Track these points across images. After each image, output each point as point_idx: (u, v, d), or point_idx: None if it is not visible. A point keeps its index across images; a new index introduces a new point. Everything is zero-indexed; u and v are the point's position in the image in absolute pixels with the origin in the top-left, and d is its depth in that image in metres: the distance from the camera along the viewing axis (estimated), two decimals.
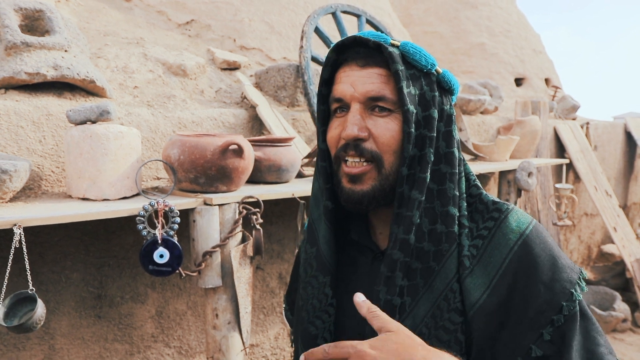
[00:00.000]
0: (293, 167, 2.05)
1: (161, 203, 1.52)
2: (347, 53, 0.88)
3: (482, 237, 0.85)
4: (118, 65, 2.45)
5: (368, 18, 3.20)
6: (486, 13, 6.32)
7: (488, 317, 0.81)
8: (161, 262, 1.54)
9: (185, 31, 3.40)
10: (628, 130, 6.11)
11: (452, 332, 0.82)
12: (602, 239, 5.80)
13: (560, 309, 0.80)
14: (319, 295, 0.93)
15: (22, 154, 1.76)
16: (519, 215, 0.87)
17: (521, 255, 0.83)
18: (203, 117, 2.31)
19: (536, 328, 0.80)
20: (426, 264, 0.84)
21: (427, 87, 0.86)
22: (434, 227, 0.85)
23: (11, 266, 1.39)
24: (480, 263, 0.83)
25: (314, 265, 0.94)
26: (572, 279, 0.82)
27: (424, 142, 0.85)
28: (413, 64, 0.85)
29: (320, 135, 0.94)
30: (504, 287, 0.81)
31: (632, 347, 4.15)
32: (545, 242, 0.85)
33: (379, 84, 0.84)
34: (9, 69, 1.85)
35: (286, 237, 2.56)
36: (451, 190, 0.85)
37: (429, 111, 0.85)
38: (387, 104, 0.84)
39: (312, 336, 0.92)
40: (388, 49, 0.83)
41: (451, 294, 0.82)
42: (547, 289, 0.81)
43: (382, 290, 0.84)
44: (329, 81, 0.92)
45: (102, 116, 1.65)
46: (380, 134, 0.84)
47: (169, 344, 2.19)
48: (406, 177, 0.84)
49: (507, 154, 3.39)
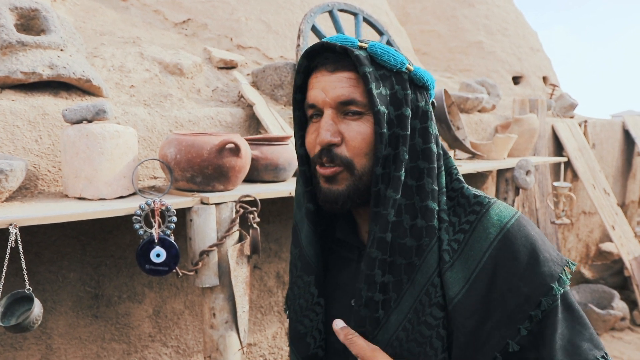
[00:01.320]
0: (290, 165, 2.04)
1: (158, 202, 1.52)
2: (317, 59, 0.89)
3: (464, 231, 0.85)
4: (114, 65, 2.44)
5: (365, 16, 3.20)
6: (483, 11, 6.32)
7: (467, 312, 0.81)
8: (158, 262, 1.53)
9: (182, 30, 3.40)
10: (626, 128, 6.12)
11: (434, 327, 0.82)
12: (601, 237, 5.81)
13: (538, 304, 0.80)
14: (305, 295, 0.95)
15: (18, 153, 1.75)
16: (502, 208, 0.87)
17: (500, 248, 0.82)
18: (200, 116, 2.31)
19: (514, 323, 0.80)
20: (409, 260, 0.85)
21: (399, 86, 0.86)
22: (414, 222, 0.85)
23: (7, 266, 1.39)
24: (461, 257, 0.83)
25: (299, 265, 0.97)
26: (554, 272, 0.81)
27: (397, 141, 0.85)
28: (382, 65, 0.86)
29: (297, 140, 0.95)
30: (483, 281, 0.81)
31: (631, 345, 4.16)
32: (527, 236, 0.84)
33: (348, 87, 0.85)
34: (4, 69, 1.85)
35: (283, 236, 2.56)
36: (429, 185, 0.86)
37: (401, 110, 0.86)
38: (359, 107, 0.85)
39: (301, 335, 0.95)
40: (355, 52, 0.84)
41: (432, 289, 0.83)
42: (525, 284, 0.80)
43: (363, 288, 0.85)
44: (303, 87, 0.93)
45: (99, 115, 1.64)
46: (352, 138, 0.85)
47: (166, 343, 2.18)
48: (381, 176, 0.85)
49: (504, 152, 3.39)
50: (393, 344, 0.85)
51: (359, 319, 0.86)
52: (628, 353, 3.99)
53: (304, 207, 0.96)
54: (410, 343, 0.84)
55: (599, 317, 4.21)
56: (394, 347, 0.84)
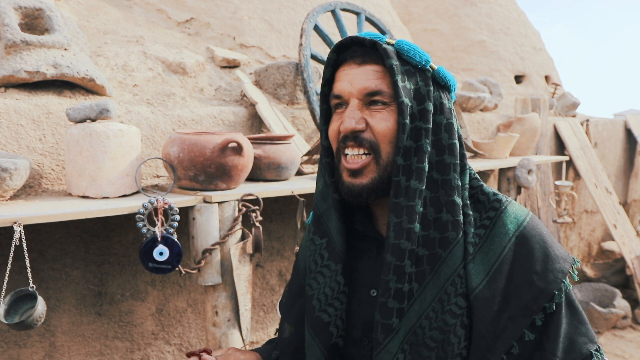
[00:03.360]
0: (292, 164, 2.05)
1: (161, 201, 1.53)
2: (346, 53, 0.93)
3: (485, 226, 0.91)
4: (118, 64, 2.45)
5: (367, 15, 3.20)
6: (486, 10, 6.31)
7: (487, 302, 0.86)
8: (161, 260, 1.54)
9: (185, 29, 3.40)
10: (628, 127, 6.11)
11: (458, 315, 0.86)
12: (603, 236, 5.80)
13: (552, 297, 0.86)
14: (331, 284, 0.96)
15: (23, 152, 1.76)
16: (517, 207, 0.93)
17: (518, 244, 0.88)
18: (203, 115, 2.31)
19: (529, 314, 0.85)
20: (432, 251, 0.88)
21: (422, 83, 0.90)
22: (439, 215, 0.89)
23: (12, 264, 1.40)
24: (482, 250, 0.89)
25: (325, 255, 0.98)
26: (565, 269, 0.88)
27: (419, 134, 0.89)
28: (408, 61, 0.90)
29: (323, 133, 0.98)
30: (502, 274, 0.87)
31: (632, 344, 4.16)
32: (541, 234, 0.90)
33: (375, 79, 0.89)
34: (9, 68, 1.86)
35: (286, 234, 2.56)
36: (455, 181, 0.90)
37: (424, 104, 0.89)
38: (384, 97, 0.88)
39: (325, 324, 0.96)
40: (383, 45, 0.88)
41: (458, 279, 0.87)
42: (540, 278, 0.86)
43: (391, 279, 0.87)
44: (331, 80, 0.96)
45: (102, 114, 1.65)
46: (376, 124, 0.89)
47: (169, 341, 2.19)
48: (402, 167, 0.88)
49: (506, 151, 3.39)
50: (416, 331, 0.87)
51: (386, 310, 0.87)
52: (630, 351, 3.99)
53: (331, 198, 0.98)
54: (434, 331, 0.87)
55: (600, 316, 4.21)
56: (417, 334, 0.87)
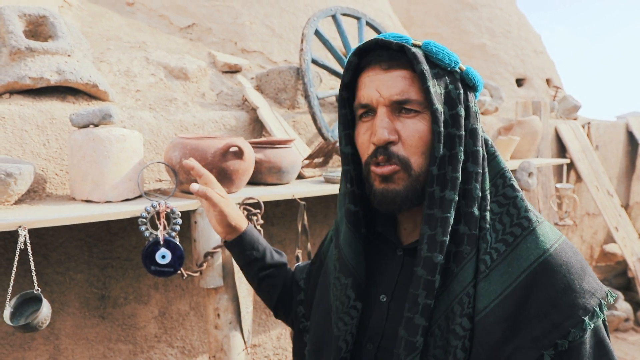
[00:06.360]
0: (293, 168, 2.07)
1: (163, 205, 1.55)
2: (369, 56, 0.87)
3: (506, 242, 0.82)
4: (120, 69, 2.48)
5: (368, 20, 3.22)
6: (486, 14, 6.33)
7: (492, 327, 0.79)
8: (163, 263, 1.56)
9: (187, 35, 3.43)
10: (630, 129, 6.11)
11: (461, 337, 0.80)
12: (605, 238, 5.80)
13: (567, 334, 0.77)
14: (342, 297, 0.92)
15: (27, 157, 1.79)
16: (548, 230, 0.84)
17: (539, 272, 0.79)
18: (204, 120, 2.34)
19: (538, 348, 0.77)
20: (446, 264, 0.83)
21: (452, 85, 0.85)
22: (457, 227, 0.83)
23: (17, 267, 1.42)
24: (497, 270, 0.81)
25: (337, 266, 0.95)
26: (588, 305, 0.78)
27: (452, 141, 0.83)
28: (437, 63, 0.84)
29: (342, 139, 0.93)
30: (514, 301, 0.79)
31: (635, 346, 4.16)
32: (568, 264, 0.80)
33: (403, 86, 0.83)
34: (13, 74, 1.88)
35: (287, 238, 2.58)
36: (476, 191, 0.84)
37: (455, 109, 0.84)
38: (414, 105, 0.83)
39: (334, 337, 0.92)
40: (411, 49, 0.82)
41: (466, 299, 0.81)
42: (557, 311, 0.77)
43: (421, 294, 0.82)
44: (349, 85, 0.91)
45: (105, 119, 1.67)
46: (408, 136, 0.83)
47: (172, 344, 2.21)
48: (437, 177, 0.83)
49: (507, 154, 3.40)
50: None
51: (413, 327, 0.82)
52: (632, 354, 3.99)
53: (344, 208, 0.93)
54: (437, 349, 0.82)
55: None
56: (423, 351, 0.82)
